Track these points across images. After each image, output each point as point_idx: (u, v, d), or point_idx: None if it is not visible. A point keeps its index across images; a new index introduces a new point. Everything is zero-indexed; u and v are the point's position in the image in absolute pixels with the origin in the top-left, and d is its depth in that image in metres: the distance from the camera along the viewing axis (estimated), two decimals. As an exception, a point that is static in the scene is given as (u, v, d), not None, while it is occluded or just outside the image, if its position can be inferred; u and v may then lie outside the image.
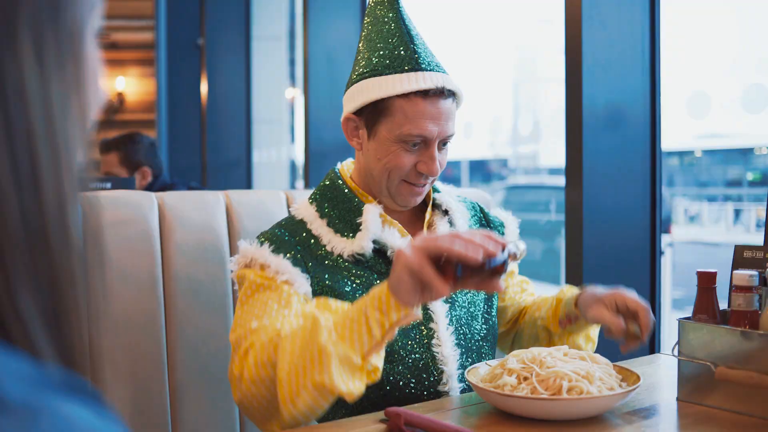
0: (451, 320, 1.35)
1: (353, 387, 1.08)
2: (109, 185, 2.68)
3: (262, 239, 1.33)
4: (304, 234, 1.35)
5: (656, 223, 2.21)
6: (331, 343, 1.07)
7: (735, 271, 1.19)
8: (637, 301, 1.29)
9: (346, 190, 1.38)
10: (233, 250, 1.54)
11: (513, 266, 1.57)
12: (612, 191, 2.17)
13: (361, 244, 1.32)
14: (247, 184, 5.22)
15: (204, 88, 5.33)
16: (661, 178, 2.22)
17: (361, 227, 1.33)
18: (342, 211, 1.36)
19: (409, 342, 1.31)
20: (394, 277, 1.07)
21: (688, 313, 1.27)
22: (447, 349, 1.31)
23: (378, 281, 1.33)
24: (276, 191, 1.66)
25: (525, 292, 1.57)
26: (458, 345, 1.34)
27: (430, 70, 1.32)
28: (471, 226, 1.48)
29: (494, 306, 1.46)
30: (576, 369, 1.13)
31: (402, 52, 1.32)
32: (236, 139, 5.25)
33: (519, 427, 1.08)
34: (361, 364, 1.08)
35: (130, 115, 5.36)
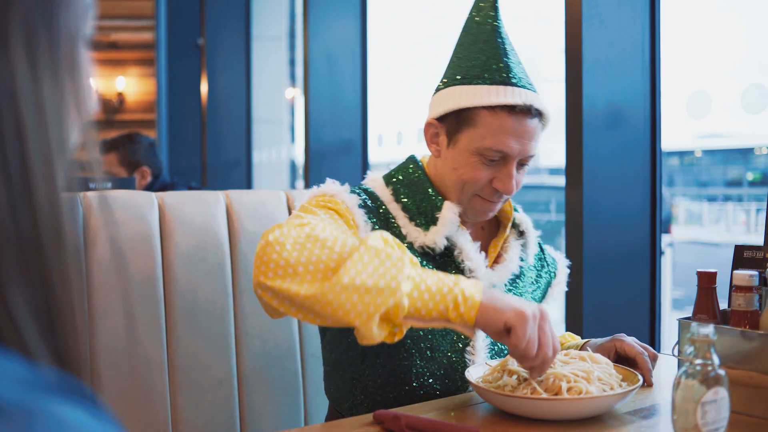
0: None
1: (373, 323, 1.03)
2: (109, 185, 2.67)
3: (352, 192, 1.32)
4: (382, 210, 1.34)
5: (656, 223, 2.21)
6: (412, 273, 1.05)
7: (735, 271, 1.19)
8: (634, 346, 1.31)
9: (430, 190, 1.35)
10: (233, 250, 1.54)
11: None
12: (612, 191, 2.17)
13: (435, 238, 1.30)
14: (247, 184, 5.22)
15: (204, 88, 5.32)
16: (661, 178, 2.22)
17: (437, 222, 1.32)
18: (419, 202, 1.35)
19: (445, 344, 1.31)
20: (507, 303, 1.06)
21: (688, 313, 1.27)
22: (480, 358, 1.31)
23: None
24: (276, 191, 1.66)
25: None
26: (492, 357, 1.34)
27: (520, 86, 1.28)
28: (535, 258, 1.48)
29: None
30: (575, 370, 1.13)
31: (494, 65, 1.29)
32: (236, 139, 5.25)
33: (519, 427, 1.08)
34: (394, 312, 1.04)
35: (130, 115, 5.36)
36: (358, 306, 1.01)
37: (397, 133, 4.34)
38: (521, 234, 1.45)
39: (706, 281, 1.23)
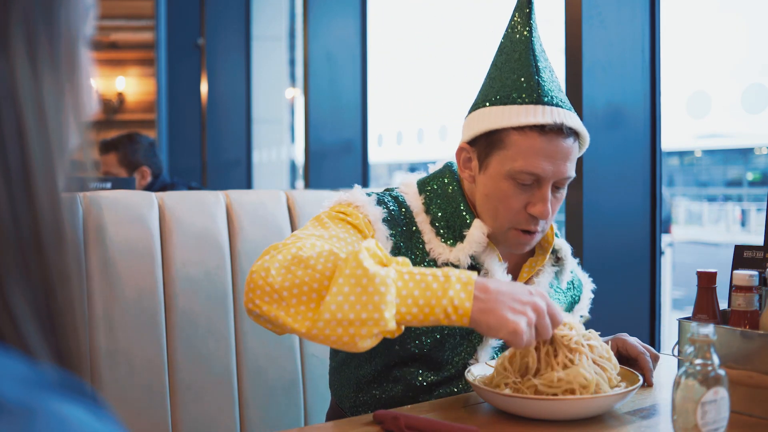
0: (502, 348, 1.34)
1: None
2: (109, 185, 2.68)
3: (380, 202, 1.29)
4: (407, 220, 1.30)
5: (656, 223, 2.21)
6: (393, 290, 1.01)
7: (735, 271, 1.19)
8: (636, 346, 1.30)
9: (462, 206, 1.31)
10: (233, 250, 1.54)
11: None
12: (612, 191, 2.17)
13: (459, 256, 1.27)
14: (247, 184, 5.22)
15: (204, 88, 5.33)
16: (661, 178, 2.22)
17: (463, 240, 1.28)
18: (449, 216, 1.30)
19: (453, 350, 1.30)
20: (501, 314, 1.02)
21: (688, 313, 1.27)
22: (481, 359, 1.31)
23: None
24: (276, 191, 1.66)
25: None
26: (492, 358, 1.32)
27: (552, 105, 1.23)
28: (567, 284, 1.46)
29: None
30: (569, 378, 1.11)
31: (524, 84, 1.24)
32: (236, 139, 5.25)
33: (519, 427, 1.08)
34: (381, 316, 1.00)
35: (130, 115, 5.36)
36: (344, 338, 1.01)
37: (397, 133, 4.34)
38: (558, 260, 1.42)
39: (706, 281, 1.23)
